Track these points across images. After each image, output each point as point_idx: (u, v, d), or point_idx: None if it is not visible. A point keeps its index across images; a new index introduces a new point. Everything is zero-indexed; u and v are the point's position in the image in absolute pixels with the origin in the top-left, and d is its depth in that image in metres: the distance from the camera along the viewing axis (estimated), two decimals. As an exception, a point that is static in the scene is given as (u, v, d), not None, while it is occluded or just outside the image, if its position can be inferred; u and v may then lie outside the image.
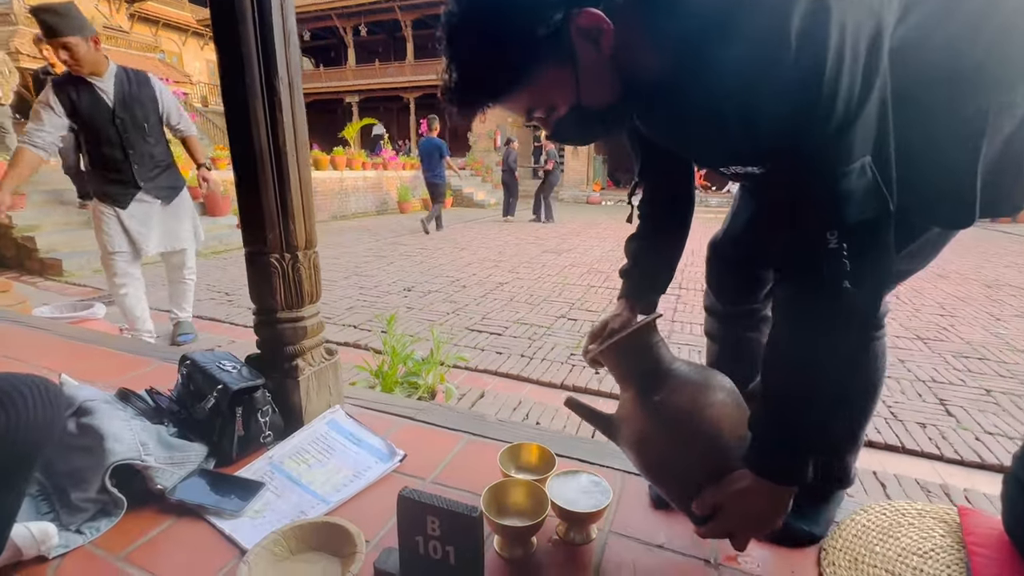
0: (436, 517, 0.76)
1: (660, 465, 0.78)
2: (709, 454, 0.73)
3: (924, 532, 0.93)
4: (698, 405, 0.74)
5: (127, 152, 2.44)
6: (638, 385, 0.80)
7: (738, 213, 0.99)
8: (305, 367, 1.23)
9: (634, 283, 0.95)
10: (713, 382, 0.78)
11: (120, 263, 2.58)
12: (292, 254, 1.18)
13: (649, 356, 0.80)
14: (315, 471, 1.08)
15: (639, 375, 0.80)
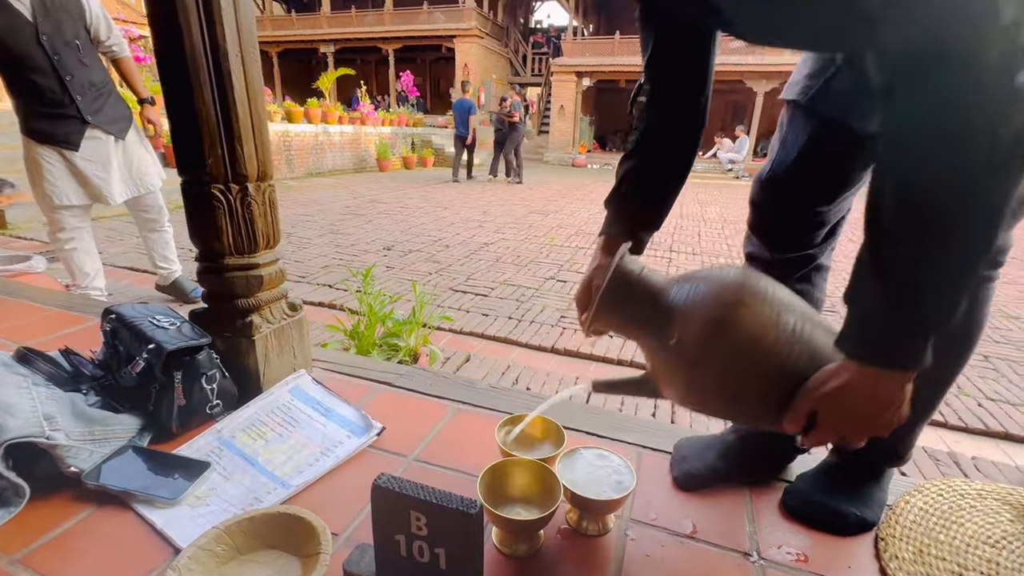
0: (423, 513, 0.59)
1: (723, 405, 0.61)
2: (766, 366, 0.56)
3: (990, 517, 0.80)
4: (720, 320, 0.57)
5: (63, 79, 1.92)
6: (648, 335, 0.65)
7: (790, 140, 0.80)
8: (262, 324, 1.02)
9: (619, 212, 0.77)
10: (722, 291, 0.59)
11: (69, 218, 2.12)
12: (241, 185, 0.96)
13: (642, 294, 0.65)
14: (274, 447, 0.90)
15: (642, 324, 0.66)
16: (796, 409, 0.55)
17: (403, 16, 16.20)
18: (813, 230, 0.82)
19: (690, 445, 0.93)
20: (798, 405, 0.54)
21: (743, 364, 0.56)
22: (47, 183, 2.03)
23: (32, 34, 1.84)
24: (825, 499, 0.80)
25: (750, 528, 0.78)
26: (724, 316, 0.57)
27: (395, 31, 16.16)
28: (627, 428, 1.02)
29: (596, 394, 0.71)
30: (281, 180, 7.99)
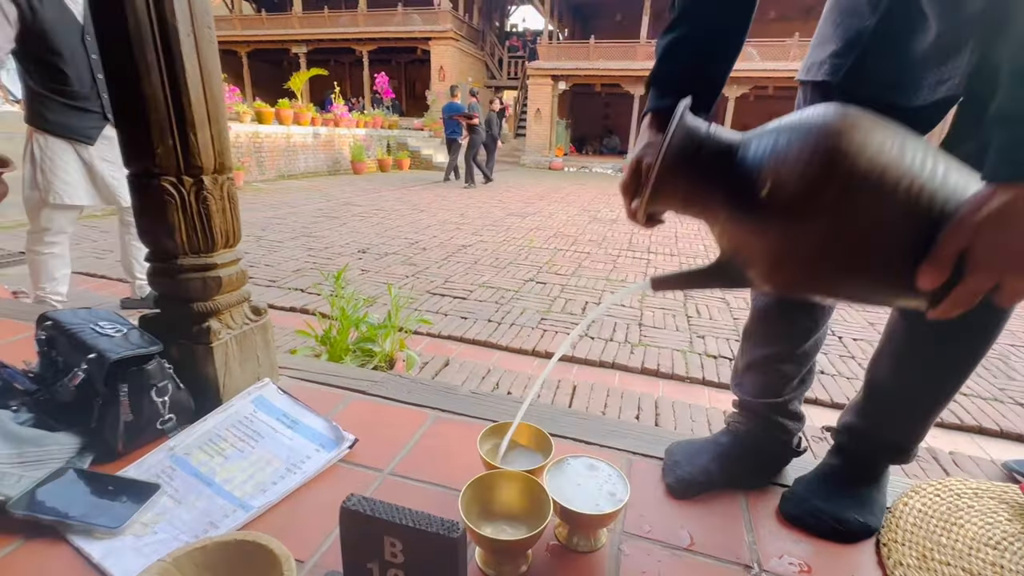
0: (398, 538, 0.52)
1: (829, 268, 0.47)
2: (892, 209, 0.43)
3: (988, 517, 0.78)
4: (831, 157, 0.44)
5: (95, 77, 1.95)
6: (724, 200, 0.51)
7: None
8: (221, 330, 0.94)
9: (666, 84, 0.65)
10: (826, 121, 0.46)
11: (63, 220, 2.03)
12: (195, 178, 0.87)
13: (711, 153, 0.51)
14: (233, 465, 0.82)
15: (714, 188, 0.51)
16: (944, 248, 0.42)
17: (377, 17, 16.01)
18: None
19: (682, 449, 0.89)
20: (946, 242, 0.42)
21: (865, 203, 0.43)
22: (61, 181, 1.96)
23: (79, 32, 1.90)
24: (826, 505, 0.77)
25: (749, 538, 0.74)
26: (836, 144, 0.43)
27: (369, 32, 15.95)
28: (617, 434, 0.97)
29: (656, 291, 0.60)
30: (251, 183, 7.75)
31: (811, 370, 0.85)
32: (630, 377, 2.23)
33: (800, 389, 0.85)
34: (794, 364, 0.83)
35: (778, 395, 0.83)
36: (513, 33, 20.82)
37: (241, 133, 7.64)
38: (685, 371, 2.24)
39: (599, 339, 2.53)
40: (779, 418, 0.84)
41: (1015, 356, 2.58)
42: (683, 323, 2.81)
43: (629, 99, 14.29)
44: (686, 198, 0.53)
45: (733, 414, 0.90)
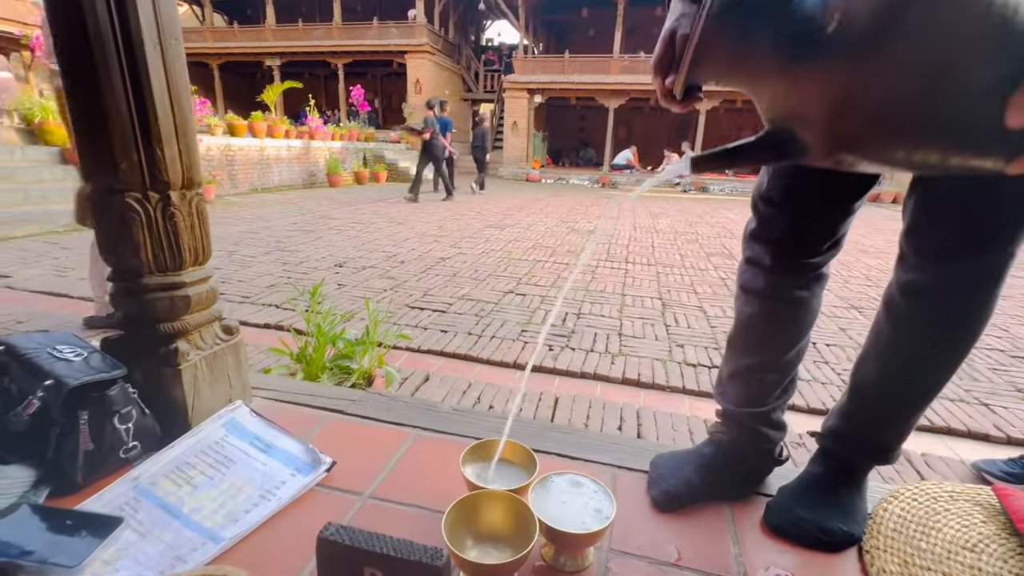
0: (379, 568, 0.50)
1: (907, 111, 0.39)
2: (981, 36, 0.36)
3: (964, 520, 0.80)
4: None
5: None
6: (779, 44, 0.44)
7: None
8: (190, 351, 0.90)
9: None
10: None
11: None
12: (162, 194, 0.84)
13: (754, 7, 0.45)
14: (203, 494, 0.78)
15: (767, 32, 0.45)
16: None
17: (352, 31, 15.99)
18: (819, 239, 0.76)
19: (666, 462, 0.88)
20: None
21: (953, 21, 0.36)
22: None
23: None
24: (809, 514, 0.77)
25: (736, 550, 0.74)
26: None
27: (344, 46, 15.91)
28: (600, 447, 0.96)
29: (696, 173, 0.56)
30: (223, 196, 7.58)
31: (793, 379, 0.86)
32: (611, 388, 2.23)
33: (783, 398, 0.85)
34: (778, 373, 0.83)
35: (761, 404, 0.84)
36: (489, 47, 21.06)
37: (212, 146, 7.49)
38: (665, 380, 2.25)
39: (580, 350, 2.53)
40: (762, 428, 0.84)
41: (978, 358, 2.68)
42: (662, 332, 2.83)
43: (603, 112, 14.55)
44: (733, 58, 0.47)
45: (716, 424, 0.90)
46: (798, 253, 0.78)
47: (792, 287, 0.79)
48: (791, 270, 0.78)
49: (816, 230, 0.76)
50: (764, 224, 0.80)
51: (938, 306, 0.70)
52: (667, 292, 3.63)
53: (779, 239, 0.78)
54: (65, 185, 5.40)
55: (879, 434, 0.80)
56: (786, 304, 0.80)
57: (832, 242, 0.77)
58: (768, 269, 0.79)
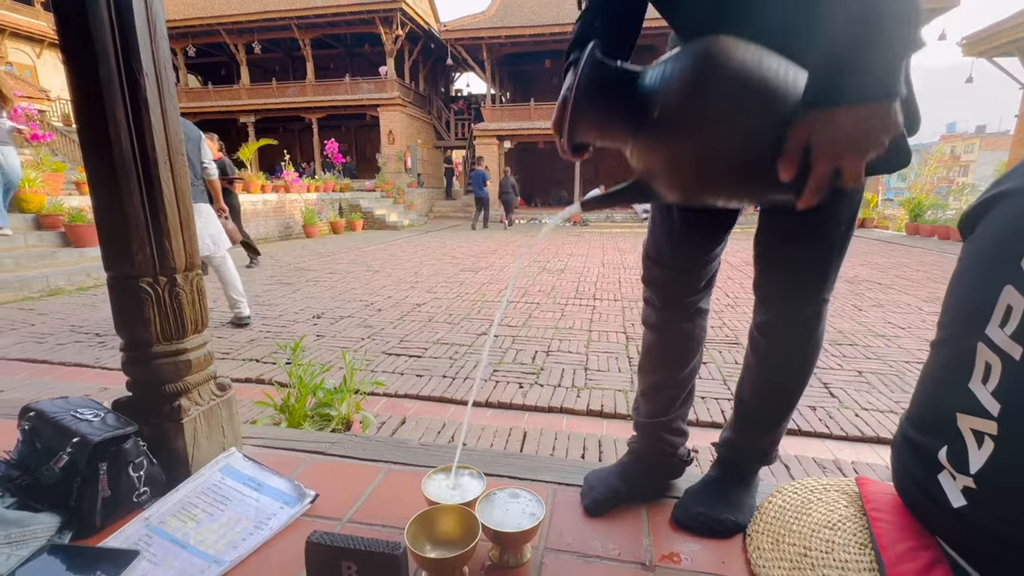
0: (353, 561, 0.67)
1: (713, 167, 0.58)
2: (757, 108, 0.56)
3: (830, 505, 0.99)
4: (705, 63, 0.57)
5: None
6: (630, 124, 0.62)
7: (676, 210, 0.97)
8: (190, 407, 1.06)
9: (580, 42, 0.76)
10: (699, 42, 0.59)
11: None
12: (169, 277, 1.02)
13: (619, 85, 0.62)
14: (206, 528, 0.92)
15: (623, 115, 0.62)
16: (791, 143, 0.55)
17: (325, 87, 16.61)
18: (695, 285, 0.98)
19: (596, 475, 1.07)
20: (792, 139, 0.55)
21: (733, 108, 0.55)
22: None
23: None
24: (706, 509, 0.96)
25: (647, 541, 0.92)
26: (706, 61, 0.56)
27: (317, 101, 16.48)
28: (544, 468, 1.14)
29: (585, 212, 0.73)
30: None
31: (690, 393, 1.07)
32: (577, 419, 2.40)
33: (683, 409, 1.06)
34: (675, 389, 1.03)
35: (665, 415, 1.03)
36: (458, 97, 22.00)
37: (189, 204, 7.63)
38: (627, 409, 2.44)
39: (548, 386, 2.71)
40: (666, 435, 1.04)
41: (909, 372, 2.95)
42: (625, 364, 3.04)
43: (571, 154, 15.22)
44: (602, 125, 0.64)
45: (633, 436, 1.10)
46: (680, 294, 1.00)
47: (679, 321, 1.01)
48: (677, 307, 1.00)
49: (691, 277, 0.98)
50: (651, 273, 1.02)
51: (781, 340, 0.93)
52: (631, 326, 3.86)
53: (663, 283, 1.00)
54: (40, 251, 5.46)
55: (759, 441, 1.01)
56: (676, 335, 1.02)
57: (705, 283, 1.00)
58: (659, 307, 1.02)
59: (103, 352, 3.30)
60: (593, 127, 0.65)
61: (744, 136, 0.56)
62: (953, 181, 17.37)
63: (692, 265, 0.96)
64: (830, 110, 0.54)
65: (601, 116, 0.64)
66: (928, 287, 5.14)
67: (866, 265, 6.59)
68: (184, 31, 16.67)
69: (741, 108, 0.55)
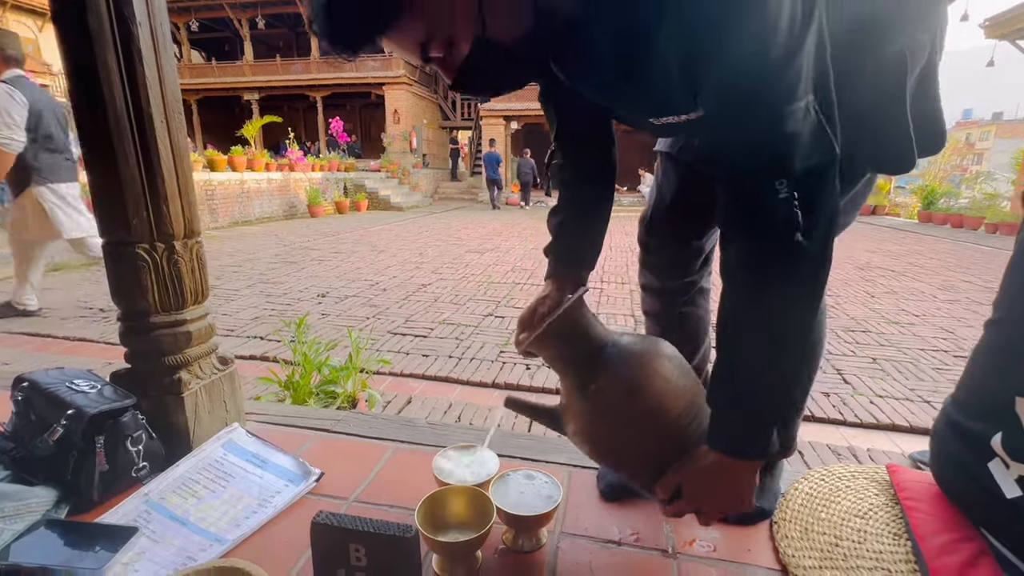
0: (360, 544, 0.63)
1: (612, 454, 0.73)
2: (661, 435, 0.69)
3: (860, 493, 0.95)
4: (640, 387, 0.69)
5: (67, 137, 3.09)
6: (574, 374, 0.74)
7: (664, 186, 0.96)
8: (191, 380, 1.02)
9: (559, 259, 0.86)
10: (653, 355, 0.72)
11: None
12: (167, 244, 0.97)
13: (581, 337, 0.74)
14: (207, 505, 0.89)
15: (574, 363, 0.74)
16: (667, 480, 0.67)
17: (330, 65, 16.35)
18: (691, 260, 0.98)
19: (614, 459, 1.03)
20: (669, 477, 0.67)
21: (640, 427, 0.68)
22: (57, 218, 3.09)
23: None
24: (728, 495, 0.92)
25: (668, 528, 0.87)
26: (640, 384, 0.68)
27: (322, 79, 16.24)
28: (558, 450, 1.09)
29: (505, 408, 0.81)
30: (204, 231, 7.61)
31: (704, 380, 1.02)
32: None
33: None
34: None
35: None
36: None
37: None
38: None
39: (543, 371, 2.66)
40: None
41: (924, 360, 2.89)
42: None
43: (578, 136, 14.99)
44: (552, 361, 0.76)
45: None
46: (677, 274, 0.98)
47: (680, 304, 0.98)
48: (677, 289, 0.98)
49: (685, 255, 0.96)
50: (645, 254, 1.01)
51: None
52: (640, 309, 3.81)
53: (660, 265, 0.99)
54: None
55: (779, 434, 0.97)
56: (679, 321, 0.99)
57: (703, 260, 0.98)
58: (657, 291, 0.99)
59: (108, 327, 3.27)
60: (546, 354, 0.76)
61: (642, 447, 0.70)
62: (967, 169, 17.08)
63: (687, 235, 0.95)
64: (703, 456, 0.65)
65: (556, 357, 0.76)
66: (942, 275, 5.04)
67: (878, 252, 6.48)
68: (187, 4, 16.38)
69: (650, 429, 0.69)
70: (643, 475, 0.70)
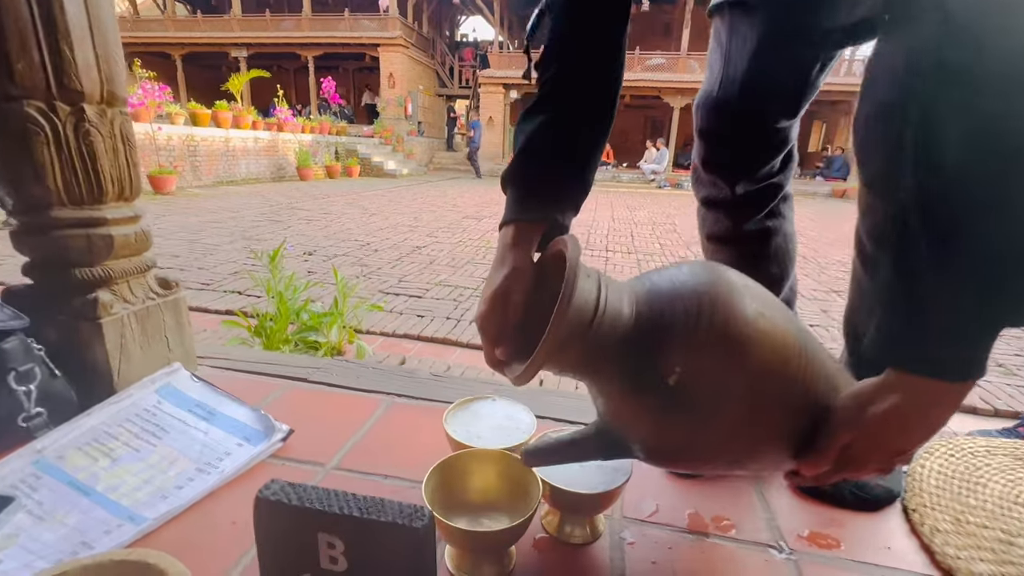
0: (339, 535, 0.37)
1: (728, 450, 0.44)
2: (793, 398, 0.43)
3: (1008, 475, 0.71)
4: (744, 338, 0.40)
5: None
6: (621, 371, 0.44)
7: (734, 51, 0.69)
8: (114, 303, 0.75)
9: (531, 187, 0.53)
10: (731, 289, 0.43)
11: None
12: (74, 108, 0.69)
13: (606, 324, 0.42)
14: (124, 468, 0.63)
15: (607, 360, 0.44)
16: (830, 442, 0.43)
17: (323, 22, 15.57)
18: (776, 152, 0.73)
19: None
20: (834, 438, 0.43)
21: (772, 392, 0.42)
22: None
23: None
24: (842, 471, 0.68)
25: (766, 514, 0.64)
26: (742, 335, 0.40)
27: (315, 37, 15.47)
28: (601, 410, 0.85)
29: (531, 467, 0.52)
30: (186, 188, 7.23)
31: None
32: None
33: None
34: None
35: None
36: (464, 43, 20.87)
37: (174, 135, 7.12)
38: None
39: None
40: None
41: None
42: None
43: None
44: (575, 370, 0.45)
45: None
46: (757, 173, 0.72)
47: (760, 217, 0.73)
48: (756, 195, 0.73)
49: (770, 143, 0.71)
50: (713, 148, 0.74)
51: None
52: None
53: (735, 160, 0.73)
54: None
55: None
56: (759, 241, 0.75)
57: (787, 153, 0.73)
58: (729, 203, 0.74)
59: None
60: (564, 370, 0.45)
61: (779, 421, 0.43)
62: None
63: (775, 112, 0.69)
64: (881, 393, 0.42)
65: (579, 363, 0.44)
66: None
67: (888, 232, 6.29)
68: (171, -48, 15.40)
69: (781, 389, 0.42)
70: (783, 457, 0.45)
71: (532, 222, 0.51)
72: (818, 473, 0.45)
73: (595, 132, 0.55)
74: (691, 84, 12.96)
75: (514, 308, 0.49)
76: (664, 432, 0.43)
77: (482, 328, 0.50)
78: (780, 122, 0.69)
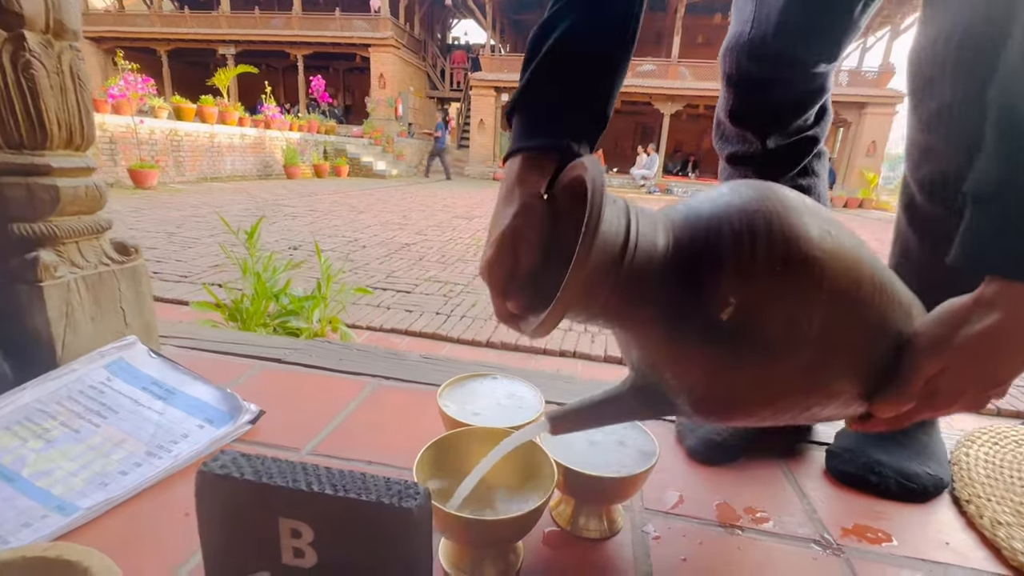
0: (307, 520, 0.29)
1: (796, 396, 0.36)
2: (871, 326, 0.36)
3: (1059, 463, 0.65)
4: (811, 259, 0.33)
5: None
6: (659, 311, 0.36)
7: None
8: (59, 265, 0.65)
9: (546, 111, 0.44)
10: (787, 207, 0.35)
11: None
12: (12, 32, 0.59)
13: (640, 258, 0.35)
14: (59, 452, 0.53)
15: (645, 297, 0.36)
16: (914, 375, 0.35)
17: (313, 21, 15.42)
18: (812, 101, 0.66)
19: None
20: (919, 369, 0.35)
21: (847, 323, 0.34)
22: None
23: None
24: (886, 458, 0.60)
25: (806, 506, 0.56)
26: (815, 255, 0.33)
27: (304, 36, 15.30)
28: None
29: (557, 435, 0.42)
30: (168, 184, 7.03)
31: None
32: (593, 366, 2.06)
33: None
34: None
35: None
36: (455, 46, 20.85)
37: (156, 129, 6.93)
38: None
39: (558, 329, 2.35)
40: None
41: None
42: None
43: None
44: (604, 314, 0.37)
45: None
46: (791, 124, 0.65)
47: (792, 175, 0.67)
48: (789, 150, 0.66)
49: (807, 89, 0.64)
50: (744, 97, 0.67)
51: None
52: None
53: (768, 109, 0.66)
54: None
55: None
56: None
57: (821, 104, 0.67)
58: (759, 159, 0.67)
59: None
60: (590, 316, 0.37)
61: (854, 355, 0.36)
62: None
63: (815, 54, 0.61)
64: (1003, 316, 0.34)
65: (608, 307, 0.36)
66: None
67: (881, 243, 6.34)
68: (158, -53, 15.16)
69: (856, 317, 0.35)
70: (844, 399, 0.37)
71: (543, 152, 0.43)
72: (899, 413, 0.37)
73: (622, 35, 0.46)
74: (681, 91, 13.06)
75: (527, 250, 0.40)
76: (718, 377, 0.35)
77: (490, 276, 0.41)
78: (819, 66, 0.62)
